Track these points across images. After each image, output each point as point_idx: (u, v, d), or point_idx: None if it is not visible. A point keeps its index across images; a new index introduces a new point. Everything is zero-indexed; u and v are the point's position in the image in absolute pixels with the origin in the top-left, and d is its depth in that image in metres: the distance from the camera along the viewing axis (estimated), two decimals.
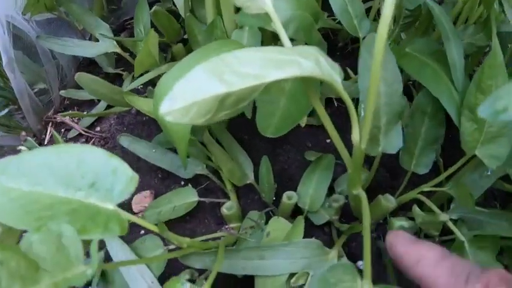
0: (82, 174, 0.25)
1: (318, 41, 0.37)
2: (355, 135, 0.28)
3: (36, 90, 0.55)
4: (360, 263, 0.39)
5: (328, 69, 0.24)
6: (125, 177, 0.26)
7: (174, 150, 0.40)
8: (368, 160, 0.45)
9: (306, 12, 0.36)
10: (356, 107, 0.38)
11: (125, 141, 0.41)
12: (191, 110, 0.20)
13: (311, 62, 0.23)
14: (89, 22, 0.46)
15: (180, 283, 0.27)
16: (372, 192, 0.44)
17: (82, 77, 0.35)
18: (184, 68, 0.29)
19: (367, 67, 0.32)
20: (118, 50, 0.46)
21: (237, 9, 0.39)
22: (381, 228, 0.41)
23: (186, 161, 0.39)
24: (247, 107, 0.36)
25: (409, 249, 0.24)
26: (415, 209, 0.35)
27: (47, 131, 0.50)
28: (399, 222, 0.34)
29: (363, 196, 0.31)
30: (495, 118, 0.17)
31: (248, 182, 0.38)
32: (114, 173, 0.26)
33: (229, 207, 0.36)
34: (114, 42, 0.46)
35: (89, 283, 0.39)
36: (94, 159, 0.26)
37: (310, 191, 0.36)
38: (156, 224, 0.27)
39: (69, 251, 0.22)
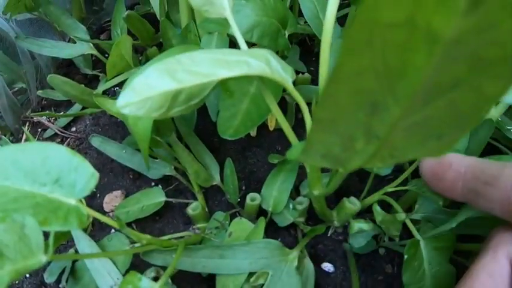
0: (47, 170, 0.27)
1: (285, 46, 0.38)
2: None
3: (15, 89, 0.56)
4: (324, 264, 0.40)
5: (278, 70, 0.25)
6: (86, 174, 0.27)
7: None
8: None
9: (273, 18, 0.37)
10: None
11: (96, 141, 0.41)
12: (146, 104, 0.22)
13: (261, 62, 0.24)
14: (66, 24, 0.47)
15: (137, 277, 0.28)
16: (340, 196, 0.45)
17: (54, 78, 0.36)
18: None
19: None
20: (94, 52, 0.47)
21: None
22: (346, 231, 0.42)
23: (149, 160, 0.40)
24: (213, 110, 0.37)
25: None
26: (376, 207, 0.36)
27: (24, 131, 0.50)
28: (358, 224, 0.35)
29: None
30: None
31: (214, 183, 0.39)
32: (76, 170, 0.27)
33: (194, 207, 0.36)
34: (91, 44, 0.47)
35: (59, 280, 0.40)
36: (58, 156, 0.28)
37: (274, 193, 0.37)
38: (115, 220, 0.28)
39: (31, 241, 0.24)
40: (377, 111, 0.12)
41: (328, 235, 0.41)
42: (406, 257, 0.30)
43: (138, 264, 0.35)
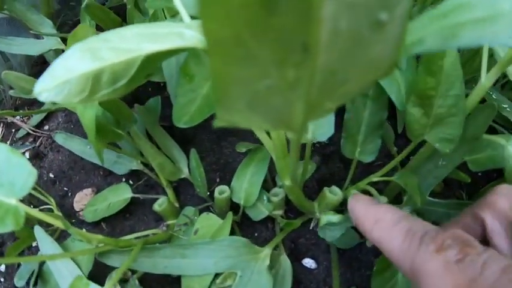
0: None
1: None
2: None
3: None
4: (306, 260, 0.37)
5: None
6: (24, 172, 0.25)
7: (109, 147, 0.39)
8: (319, 152, 0.43)
9: None
10: None
11: (60, 138, 0.40)
12: (64, 88, 0.20)
13: (197, 33, 0.21)
14: (32, 19, 0.45)
15: (83, 282, 0.26)
16: (323, 185, 0.41)
17: (8, 75, 0.34)
18: None
19: None
20: (63, 46, 0.45)
21: None
22: None
23: (113, 155, 0.37)
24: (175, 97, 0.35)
25: (367, 213, 0.22)
26: None
27: None
28: (326, 217, 0.32)
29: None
30: (407, 52, 0.17)
31: (183, 176, 0.36)
32: (14, 168, 0.26)
33: (160, 203, 0.34)
34: (59, 39, 0.45)
35: (29, 283, 0.39)
36: None
37: (245, 184, 0.34)
38: (62, 221, 0.26)
39: None
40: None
41: (310, 228, 0.38)
42: (375, 268, 0.27)
43: (103, 264, 0.33)
